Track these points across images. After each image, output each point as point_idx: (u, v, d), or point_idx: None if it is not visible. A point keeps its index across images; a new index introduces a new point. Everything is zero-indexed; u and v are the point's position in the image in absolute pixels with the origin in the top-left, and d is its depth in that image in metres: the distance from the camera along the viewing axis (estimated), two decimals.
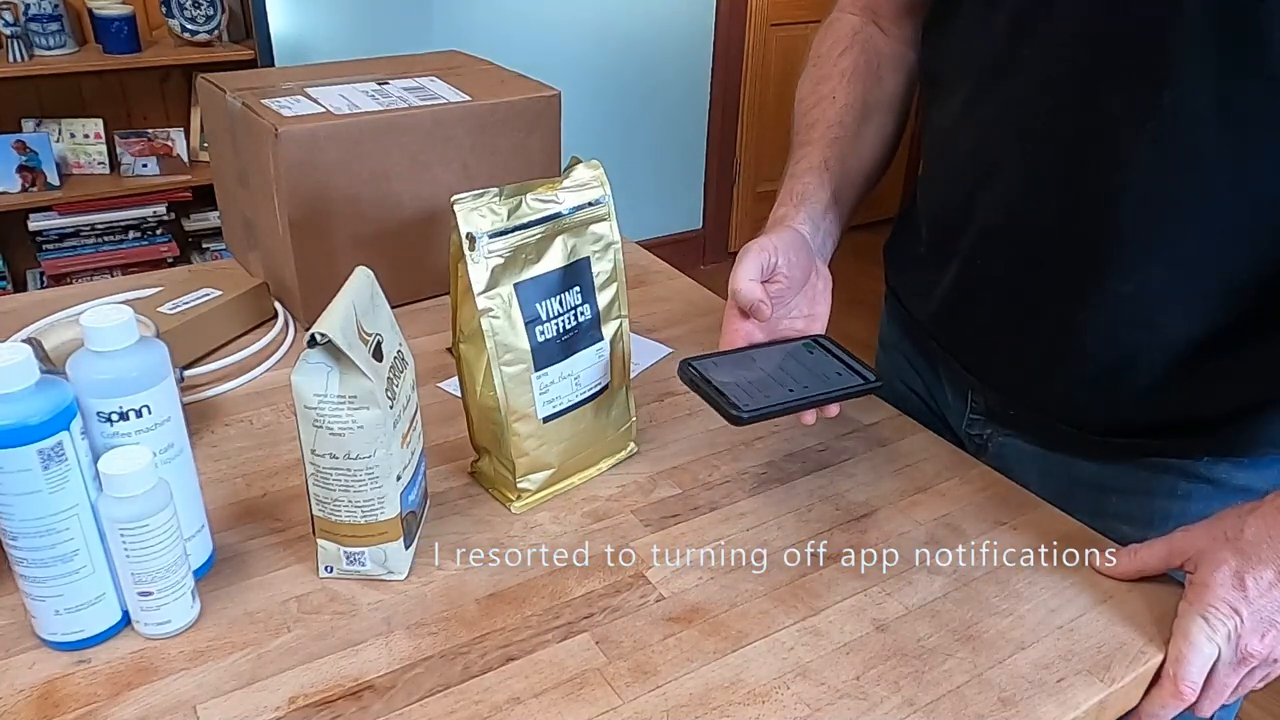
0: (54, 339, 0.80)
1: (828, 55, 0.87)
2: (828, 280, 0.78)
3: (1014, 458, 0.82)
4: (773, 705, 0.56)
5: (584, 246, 0.71)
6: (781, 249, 0.72)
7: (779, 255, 0.72)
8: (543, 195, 0.68)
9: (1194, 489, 0.74)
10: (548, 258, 0.69)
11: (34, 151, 2.38)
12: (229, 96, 0.94)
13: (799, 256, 0.74)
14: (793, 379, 0.71)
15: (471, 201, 0.64)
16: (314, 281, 0.92)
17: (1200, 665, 0.61)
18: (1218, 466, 0.73)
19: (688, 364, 0.70)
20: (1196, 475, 0.74)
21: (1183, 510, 0.74)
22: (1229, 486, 0.73)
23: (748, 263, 0.71)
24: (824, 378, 0.72)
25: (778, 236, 0.73)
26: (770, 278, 0.72)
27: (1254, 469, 0.73)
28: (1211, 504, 0.73)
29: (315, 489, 0.62)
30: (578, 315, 0.71)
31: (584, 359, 0.71)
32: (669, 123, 3.30)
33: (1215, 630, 0.61)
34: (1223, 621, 0.60)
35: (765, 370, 0.71)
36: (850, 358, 0.75)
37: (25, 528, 0.54)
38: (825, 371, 0.73)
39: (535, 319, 0.68)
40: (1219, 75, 0.60)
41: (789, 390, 0.70)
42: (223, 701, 0.55)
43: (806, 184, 0.80)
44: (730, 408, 0.66)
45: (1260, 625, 0.60)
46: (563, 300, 0.70)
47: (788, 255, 0.72)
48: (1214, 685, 0.62)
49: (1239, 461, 0.73)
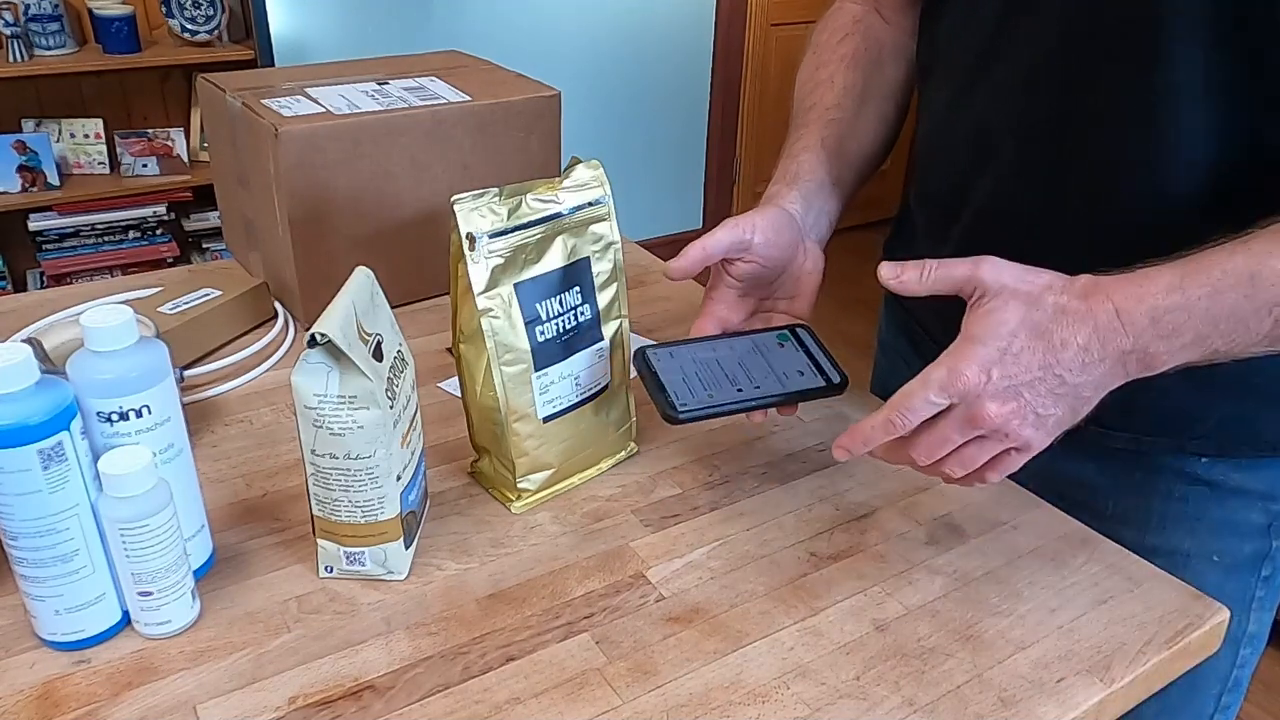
0: (54, 339, 0.80)
1: (827, 43, 0.86)
2: (817, 260, 0.77)
3: None
4: (773, 705, 0.56)
5: (584, 246, 0.71)
6: (761, 228, 0.71)
7: (756, 234, 0.71)
8: (543, 195, 0.68)
9: (1190, 491, 0.74)
10: (548, 258, 0.69)
11: (34, 151, 2.39)
12: (229, 96, 0.94)
13: (781, 236, 0.73)
14: (747, 376, 0.70)
15: (471, 202, 0.64)
16: (314, 281, 0.92)
17: (924, 401, 0.57)
18: (1215, 468, 0.73)
19: (641, 352, 0.70)
20: (1194, 477, 0.74)
21: (1180, 512, 0.74)
22: (1226, 488, 0.73)
23: (719, 233, 0.70)
24: (782, 377, 0.70)
25: (761, 215, 0.73)
26: (742, 257, 0.72)
27: (1252, 470, 0.72)
28: (1209, 506, 0.73)
29: (315, 489, 0.62)
30: (578, 315, 0.71)
31: (584, 359, 0.71)
32: (669, 122, 3.30)
33: (957, 382, 0.56)
34: (968, 379, 0.56)
35: (722, 365, 0.70)
36: (823, 354, 0.73)
37: (25, 528, 0.54)
38: (787, 369, 0.71)
39: (535, 319, 0.68)
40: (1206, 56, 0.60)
41: (738, 390, 0.69)
42: (223, 701, 0.55)
43: (801, 163, 0.80)
44: (666, 406, 0.66)
45: (1005, 393, 0.56)
46: (563, 300, 0.70)
47: (766, 234, 0.72)
48: (933, 432, 0.58)
49: (1236, 462, 0.72)
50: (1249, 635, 0.78)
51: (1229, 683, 0.80)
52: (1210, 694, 0.80)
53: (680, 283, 1.09)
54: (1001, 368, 0.56)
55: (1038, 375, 0.56)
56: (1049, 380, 0.57)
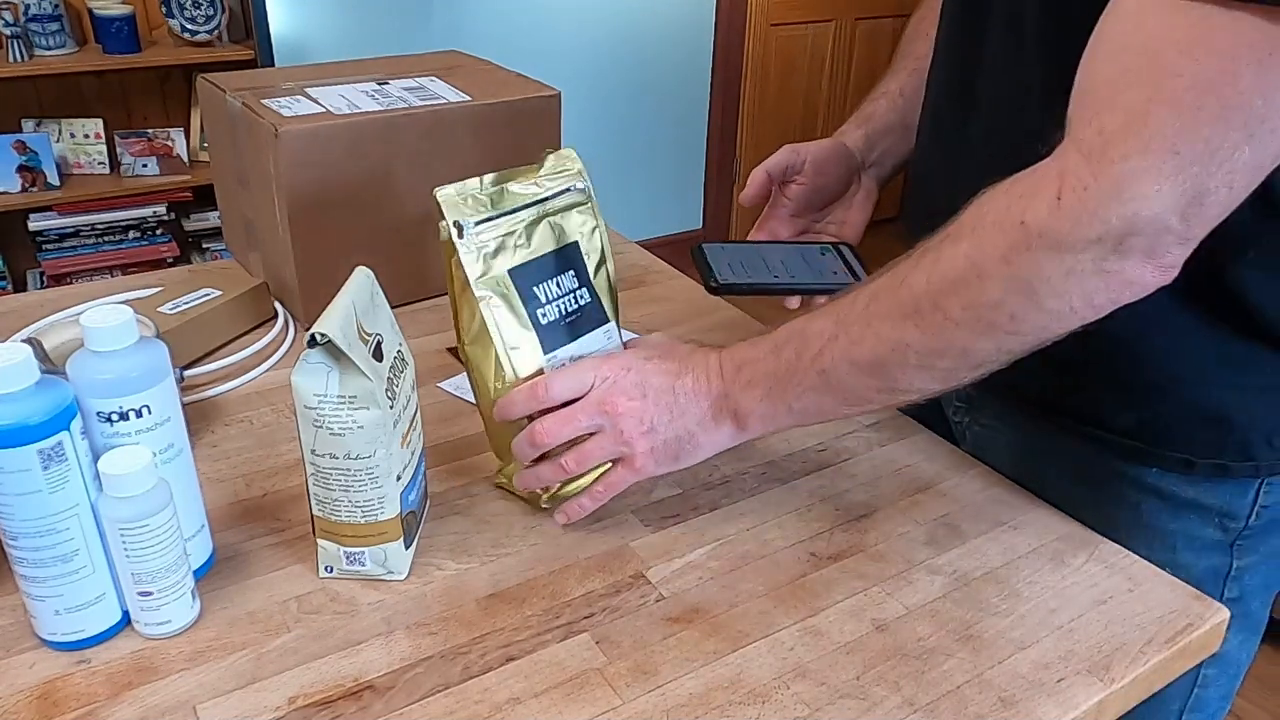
0: (54, 339, 0.80)
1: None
2: (870, 193, 0.86)
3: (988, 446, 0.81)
4: (773, 705, 0.56)
5: (571, 230, 0.71)
6: (812, 155, 0.81)
7: (807, 159, 0.81)
8: (523, 183, 0.69)
9: (1143, 500, 0.72)
10: (536, 242, 0.69)
11: (34, 151, 2.39)
12: (229, 96, 0.94)
13: (833, 166, 0.82)
14: (785, 268, 0.77)
15: (455, 194, 0.66)
16: (314, 281, 0.92)
17: (570, 377, 0.65)
18: (1165, 479, 0.71)
19: (699, 245, 0.79)
20: (1146, 486, 0.71)
21: (1132, 520, 0.72)
22: (1178, 500, 0.71)
23: (776, 155, 0.81)
24: (818, 273, 0.77)
25: (816, 144, 0.82)
26: (795, 180, 0.82)
27: (1205, 485, 0.70)
28: (1162, 517, 0.71)
29: (315, 489, 0.62)
30: (577, 299, 0.70)
31: (592, 340, 0.71)
32: (669, 122, 3.30)
33: (599, 369, 0.65)
34: (609, 370, 0.65)
35: (765, 259, 0.78)
36: (860, 265, 0.79)
37: (25, 528, 0.54)
38: (823, 269, 0.78)
39: (535, 301, 0.68)
40: None
41: (775, 276, 0.76)
42: (223, 701, 0.55)
43: (877, 105, 0.88)
44: (709, 277, 0.74)
45: (633, 390, 0.65)
46: (559, 283, 0.70)
47: (817, 161, 0.81)
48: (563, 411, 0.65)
49: (1188, 476, 0.70)
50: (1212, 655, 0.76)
51: (1189, 701, 0.77)
52: (1170, 710, 0.77)
53: (680, 283, 1.09)
54: (639, 372, 0.65)
55: (662, 385, 0.65)
56: (667, 396, 0.65)
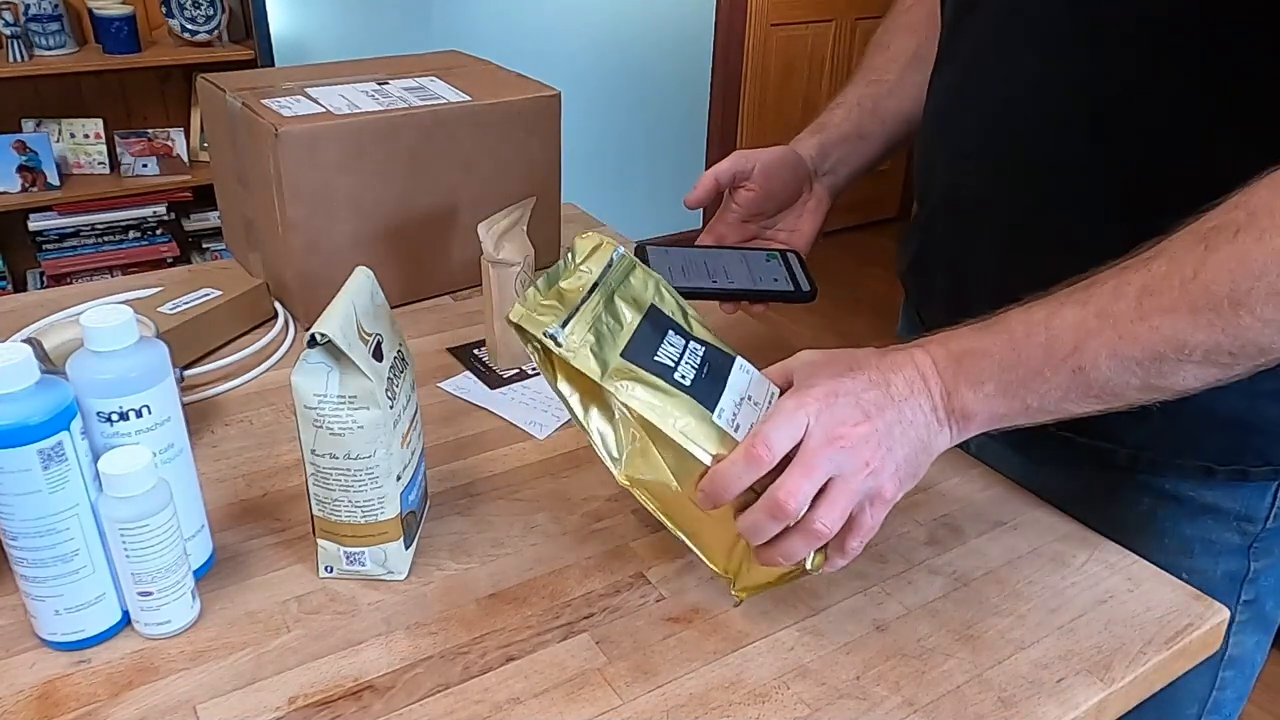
0: (54, 339, 0.80)
1: (899, 7, 0.92)
2: (820, 202, 0.86)
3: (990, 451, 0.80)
4: (773, 705, 0.56)
5: (641, 294, 0.62)
6: (762, 162, 0.81)
7: (756, 165, 0.81)
8: (571, 278, 0.61)
9: (1158, 505, 0.71)
10: (624, 317, 0.61)
11: (34, 151, 2.39)
12: (229, 96, 0.94)
13: (783, 173, 0.82)
14: (726, 274, 0.77)
15: (524, 312, 0.58)
16: (314, 281, 0.92)
17: (787, 431, 0.54)
18: (1182, 485, 0.70)
19: (640, 245, 0.78)
20: (1161, 492, 0.71)
21: (1146, 526, 0.71)
22: (1195, 505, 0.70)
23: (725, 161, 0.81)
24: (756, 279, 0.77)
25: (767, 151, 0.82)
26: (744, 185, 0.81)
27: (1224, 489, 0.69)
28: (1178, 523, 0.71)
29: (315, 489, 0.62)
30: (694, 351, 0.61)
31: (739, 380, 0.61)
32: (669, 122, 3.30)
33: (806, 405, 0.55)
34: (816, 401, 0.55)
35: (706, 263, 0.78)
36: (802, 272, 0.80)
37: (25, 528, 0.54)
38: (763, 275, 0.77)
39: (667, 370, 0.59)
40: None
41: (713, 281, 0.76)
42: (223, 701, 0.55)
43: (833, 115, 0.88)
44: None
45: (856, 412, 0.55)
46: (671, 344, 0.61)
47: (767, 168, 0.81)
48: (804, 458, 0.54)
49: (1207, 481, 0.69)
50: (1229, 658, 0.75)
51: (1208, 704, 0.77)
52: (1187, 713, 0.77)
53: None
54: (845, 393, 0.56)
55: (878, 399, 0.56)
56: (889, 408, 0.56)
